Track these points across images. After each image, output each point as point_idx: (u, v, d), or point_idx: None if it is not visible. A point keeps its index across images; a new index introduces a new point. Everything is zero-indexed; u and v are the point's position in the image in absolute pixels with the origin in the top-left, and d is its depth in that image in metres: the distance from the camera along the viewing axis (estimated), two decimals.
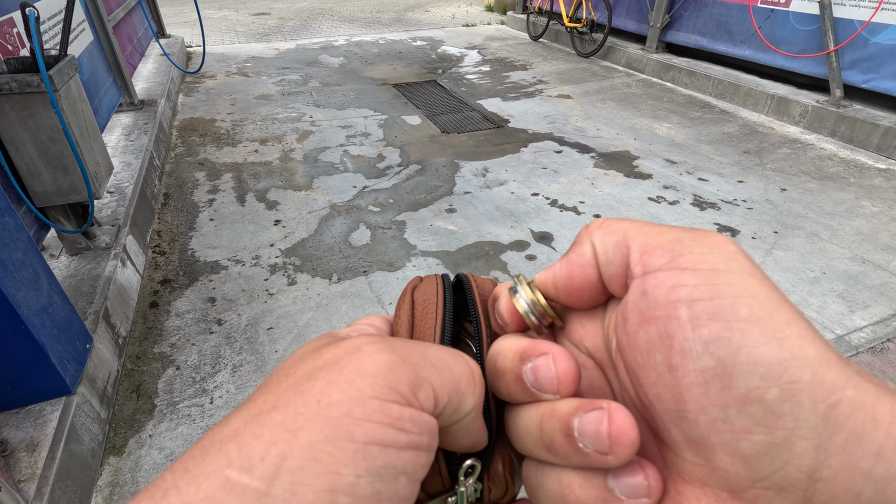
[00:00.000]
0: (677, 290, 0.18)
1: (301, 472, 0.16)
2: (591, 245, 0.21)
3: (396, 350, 0.19)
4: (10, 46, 1.84)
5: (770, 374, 0.16)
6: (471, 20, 8.00)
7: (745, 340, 0.16)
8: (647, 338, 0.18)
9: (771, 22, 4.21)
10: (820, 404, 0.15)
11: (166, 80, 4.11)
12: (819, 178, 3.08)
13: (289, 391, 0.18)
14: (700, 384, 0.17)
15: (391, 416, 0.17)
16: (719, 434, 0.16)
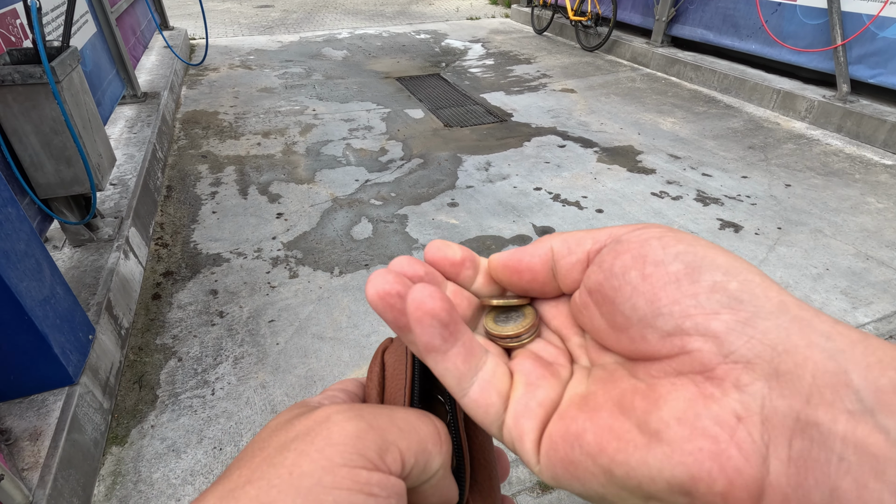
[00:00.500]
0: (646, 233, 0.21)
1: None
2: (549, 244, 0.24)
3: (365, 417, 0.21)
4: (12, 38, 1.84)
5: (730, 271, 0.19)
6: (475, 13, 7.95)
7: (707, 253, 0.20)
8: (622, 263, 0.21)
9: (778, 16, 4.17)
10: (772, 298, 0.18)
11: (169, 72, 4.10)
12: (824, 174, 3.06)
13: (262, 464, 0.19)
14: (673, 282, 0.19)
15: (360, 482, 0.19)
16: (692, 318, 0.18)
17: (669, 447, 0.17)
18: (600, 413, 0.20)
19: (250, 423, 1.56)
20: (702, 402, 0.17)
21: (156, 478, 1.41)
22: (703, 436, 0.17)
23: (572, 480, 0.20)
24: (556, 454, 0.20)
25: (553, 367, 0.24)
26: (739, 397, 0.17)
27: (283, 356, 1.79)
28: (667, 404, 0.18)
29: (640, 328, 0.20)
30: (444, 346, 0.22)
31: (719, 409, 0.17)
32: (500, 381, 0.23)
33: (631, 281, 0.20)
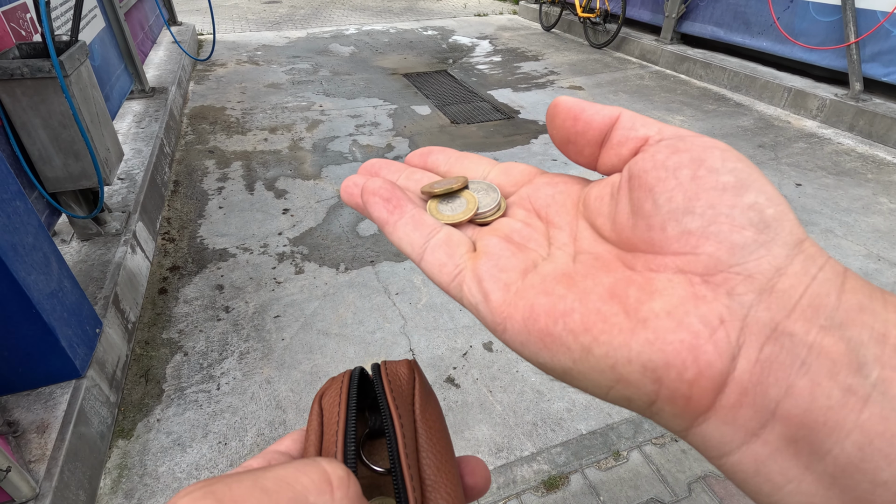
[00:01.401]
0: (713, 142, 0.21)
1: None
2: (619, 110, 0.24)
3: (217, 493, 0.18)
4: (23, 31, 1.84)
5: (772, 199, 0.20)
6: (483, 10, 7.92)
7: (759, 178, 0.20)
8: (677, 160, 0.21)
9: (790, 13, 4.12)
10: (794, 235, 0.19)
11: (177, 67, 4.11)
12: (836, 174, 3.02)
13: None
14: (717, 189, 0.20)
15: None
16: (719, 225, 0.19)
17: (654, 334, 0.19)
18: (590, 296, 0.21)
19: (255, 419, 1.56)
20: (693, 301, 0.19)
21: (161, 471, 1.41)
22: (687, 330, 0.18)
23: (542, 350, 0.21)
24: (534, 325, 0.21)
25: (522, 247, 0.25)
26: (728, 303, 0.18)
27: (289, 352, 1.79)
28: (661, 297, 0.19)
29: (665, 219, 0.20)
30: (392, 217, 0.26)
31: (707, 310, 0.18)
32: (455, 245, 0.25)
33: (679, 177, 0.21)
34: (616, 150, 0.24)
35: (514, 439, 1.51)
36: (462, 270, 0.24)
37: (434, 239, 0.26)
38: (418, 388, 0.27)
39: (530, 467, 1.44)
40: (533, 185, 0.29)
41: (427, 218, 0.26)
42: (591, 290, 0.21)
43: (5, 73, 1.59)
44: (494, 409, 1.60)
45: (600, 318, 0.20)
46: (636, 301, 0.20)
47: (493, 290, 0.23)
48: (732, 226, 0.19)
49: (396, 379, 0.27)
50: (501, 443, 1.50)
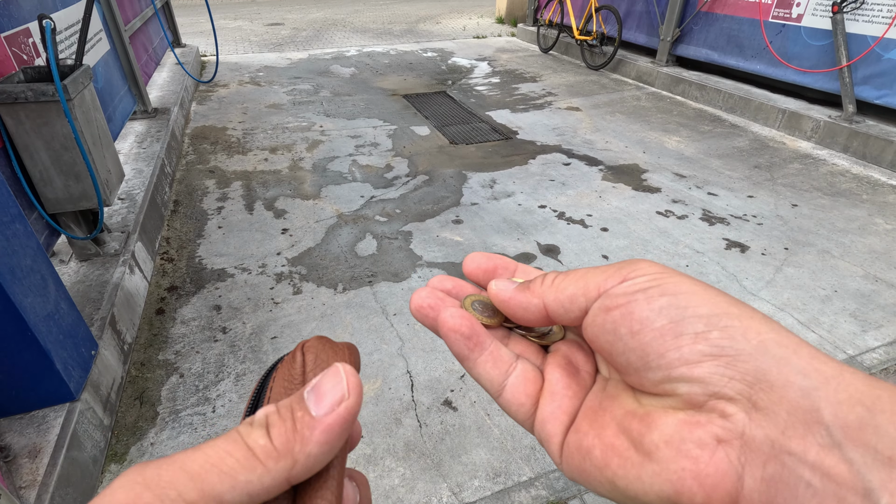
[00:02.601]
0: (632, 286, 0.23)
1: None
2: (541, 302, 0.26)
3: (145, 475, 0.18)
4: (24, 56, 1.88)
5: (710, 322, 0.20)
6: (481, 32, 8.06)
7: (689, 303, 0.21)
8: (612, 320, 0.23)
9: (782, 37, 4.20)
10: (752, 340, 0.19)
11: (180, 88, 4.17)
12: (831, 195, 3.04)
13: None
14: (658, 338, 0.21)
15: None
16: (678, 369, 0.20)
17: (658, 466, 0.20)
18: (606, 431, 0.23)
19: None
20: (688, 427, 0.20)
21: None
22: (686, 457, 0.19)
23: (586, 483, 0.23)
24: (572, 461, 0.24)
25: (579, 375, 0.27)
26: (723, 424, 0.19)
27: None
28: (658, 428, 0.21)
29: (635, 377, 0.22)
30: (472, 354, 0.27)
31: (702, 433, 0.19)
32: (529, 385, 0.27)
33: (622, 338, 0.22)
34: (568, 325, 0.27)
35: (512, 464, 1.49)
36: (534, 410, 0.26)
37: (512, 377, 0.27)
38: (309, 364, 0.25)
39: (528, 493, 1.42)
40: None
41: (503, 352, 0.28)
42: (606, 425, 0.23)
43: (9, 97, 1.61)
44: (492, 432, 1.59)
45: (615, 453, 0.22)
46: (639, 434, 0.21)
47: (554, 434, 0.25)
48: (689, 365, 0.20)
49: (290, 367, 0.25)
50: (499, 467, 1.48)
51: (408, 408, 1.66)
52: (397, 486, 1.42)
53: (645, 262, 0.24)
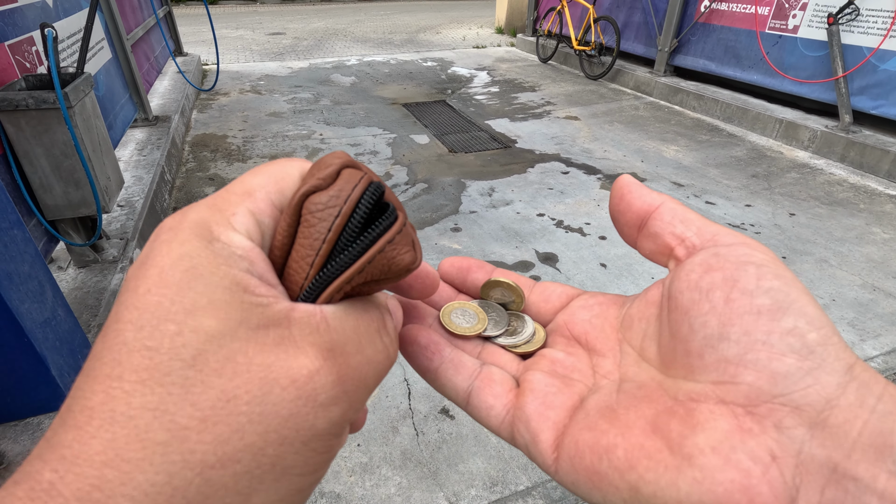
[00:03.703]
0: (749, 255, 0.21)
1: None
2: (662, 199, 0.25)
3: (342, 377, 0.18)
4: (27, 64, 1.89)
5: (814, 322, 0.18)
6: (481, 42, 8.13)
7: (799, 297, 0.19)
8: (710, 280, 0.20)
9: (779, 48, 4.24)
10: (841, 360, 0.18)
11: (181, 96, 4.20)
12: (828, 204, 3.05)
13: (197, 414, 0.16)
14: (753, 314, 0.19)
15: (331, 453, 0.18)
16: (757, 353, 0.18)
17: (701, 473, 0.17)
18: (633, 430, 0.20)
19: None
20: (739, 435, 0.18)
21: None
22: (737, 468, 0.17)
23: (592, 490, 0.20)
24: (580, 462, 0.21)
25: (569, 378, 0.25)
26: (777, 437, 0.17)
27: None
28: (704, 431, 0.18)
29: (702, 344, 0.20)
30: (432, 364, 0.26)
31: (755, 445, 0.17)
32: (496, 386, 0.25)
33: (713, 300, 0.20)
34: (652, 239, 0.24)
35: (510, 473, 1.49)
36: (510, 411, 0.24)
37: (477, 380, 0.25)
38: (392, 281, 0.21)
39: (525, 502, 1.41)
40: (568, 311, 0.28)
41: (465, 359, 0.26)
42: (633, 424, 0.20)
43: (10, 104, 1.62)
44: (489, 441, 1.58)
45: (644, 454, 0.19)
46: (679, 435, 0.19)
47: (542, 430, 0.22)
48: (771, 353, 0.18)
49: (391, 263, 0.20)
50: (496, 476, 1.47)
51: (405, 416, 1.66)
52: (393, 494, 1.42)
53: (760, 245, 0.22)
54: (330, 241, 0.18)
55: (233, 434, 0.15)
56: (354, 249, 0.19)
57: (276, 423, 0.15)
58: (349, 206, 0.18)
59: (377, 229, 0.19)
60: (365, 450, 1.54)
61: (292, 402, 0.16)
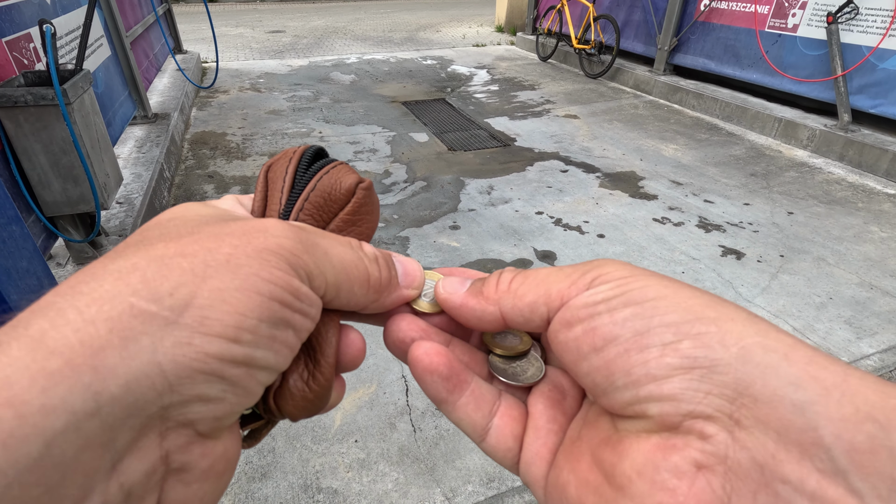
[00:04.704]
0: (594, 296, 0.20)
1: (211, 308, 0.17)
2: (497, 308, 0.24)
3: (302, 240, 0.21)
4: (25, 60, 1.89)
5: (681, 330, 0.18)
6: (481, 40, 8.13)
7: (656, 311, 0.19)
8: (574, 337, 0.21)
9: (778, 46, 4.24)
10: (731, 347, 0.17)
11: (180, 94, 4.20)
12: (827, 203, 3.06)
13: (194, 244, 0.19)
14: (622, 354, 0.19)
15: (291, 287, 0.20)
16: (645, 387, 0.18)
17: (633, 502, 0.17)
18: (580, 464, 0.21)
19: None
20: (661, 453, 0.17)
21: None
22: (662, 489, 0.17)
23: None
24: (552, 500, 0.22)
25: (565, 402, 0.24)
26: (702, 447, 0.17)
27: None
28: (628, 457, 0.18)
29: (605, 398, 0.20)
30: (451, 397, 0.24)
31: (679, 460, 0.17)
32: (516, 424, 0.24)
33: (586, 356, 0.20)
34: (534, 333, 0.27)
35: (506, 469, 1.49)
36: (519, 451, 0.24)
37: (496, 418, 0.24)
38: (352, 205, 0.27)
39: (522, 498, 1.42)
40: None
41: (485, 391, 0.25)
42: (581, 457, 0.21)
43: (9, 101, 1.63)
44: None
45: (590, 490, 0.19)
46: (611, 465, 0.19)
47: (539, 478, 0.23)
48: (657, 381, 0.18)
49: (335, 181, 0.26)
50: (493, 473, 1.48)
51: (402, 412, 1.66)
52: (391, 490, 1.42)
53: (612, 263, 0.22)
54: (290, 178, 0.26)
55: (210, 242, 0.19)
56: (305, 178, 0.26)
57: (235, 238, 0.20)
58: (296, 157, 0.27)
59: (319, 165, 0.27)
60: (362, 446, 1.54)
61: (249, 225, 0.21)
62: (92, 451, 0.14)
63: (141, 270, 0.17)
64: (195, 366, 0.16)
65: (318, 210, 0.26)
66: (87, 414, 0.14)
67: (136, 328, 0.16)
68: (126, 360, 0.15)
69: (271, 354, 0.19)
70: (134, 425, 0.16)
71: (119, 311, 0.16)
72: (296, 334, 0.20)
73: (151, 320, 0.16)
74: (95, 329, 0.15)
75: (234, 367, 0.18)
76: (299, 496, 1.39)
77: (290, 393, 0.22)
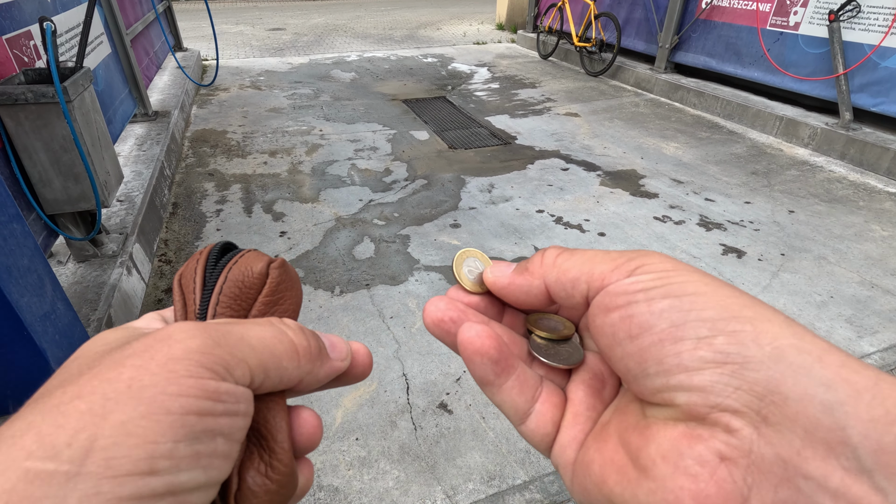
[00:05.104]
0: (634, 285, 0.21)
1: (115, 447, 0.16)
2: (542, 283, 0.24)
3: (212, 335, 0.20)
4: (25, 58, 1.89)
5: (716, 326, 0.18)
6: (482, 38, 8.11)
7: (693, 306, 0.19)
8: (610, 322, 0.21)
9: (780, 44, 4.23)
10: (765, 346, 0.17)
11: (181, 92, 4.19)
12: (828, 201, 3.05)
13: (93, 380, 0.18)
14: (656, 343, 0.19)
15: (207, 390, 0.18)
16: (676, 377, 0.18)
17: (655, 483, 0.18)
18: (607, 444, 0.21)
19: None
20: (686, 441, 0.18)
21: None
22: (685, 474, 0.17)
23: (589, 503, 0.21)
24: (577, 479, 0.22)
25: (605, 389, 0.25)
26: (727, 439, 0.17)
27: None
28: (654, 442, 0.19)
29: (636, 384, 0.21)
30: (498, 380, 0.25)
31: (703, 449, 0.17)
32: (556, 411, 0.25)
33: (620, 342, 0.21)
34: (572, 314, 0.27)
35: (507, 467, 1.49)
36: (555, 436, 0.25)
37: (538, 404, 0.25)
38: (268, 287, 0.26)
39: (523, 496, 1.42)
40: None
41: (529, 376, 0.25)
42: (608, 439, 0.22)
43: (10, 98, 1.62)
44: (487, 435, 1.58)
45: (614, 469, 0.20)
46: (637, 448, 0.19)
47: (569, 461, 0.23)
48: (688, 372, 0.18)
49: (246, 269, 0.26)
50: (494, 471, 1.48)
51: (403, 410, 1.66)
52: (391, 488, 1.42)
53: (657, 255, 0.22)
54: (199, 278, 0.26)
55: (110, 372, 0.18)
56: (215, 274, 0.26)
57: (139, 358, 0.19)
58: (203, 257, 0.27)
59: (227, 258, 0.27)
60: (363, 444, 1.55)
61: (151, 339, 0.20)
62: None
63: (35, 428, 0.16)
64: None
65: (234, 301, 0.25)
66: None
67: (35, 495, 0.15)
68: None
69: (199, 472, 0.18)
70: None
71: (13, 482, 0.15)
72: (226, 439, 0.19)
73: (50, 481, 0.15)
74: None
75: (156, 500, 0.16)
76: None
77: (251, 492, 0.21)
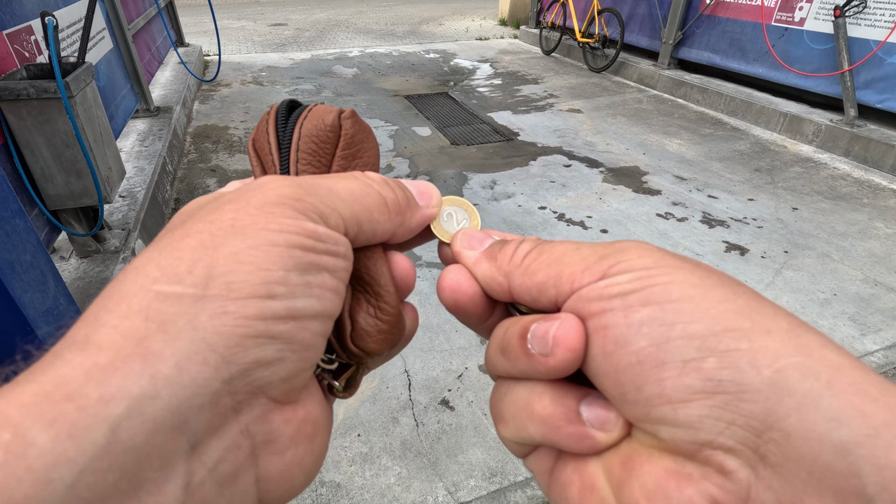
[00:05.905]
0: (609, 288, 0.18)
1: (233, 273, 0.17)
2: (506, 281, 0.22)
3: (302, 185, 0.21)
4: (26, 53, 1.89)
5: (705, 345, 0.15)
6: (484, 34, 8.08)
7: (678, 318, 0.16)
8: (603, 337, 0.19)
9: (784, 40, 4.20)
10: (764, 369, 0.14)
11: (183, 87, 4.18)
12: (832, 198, 3.04)
13: (197, 223, 0.19)
14: (634, 365, 0.16)
15: (306, 230, 0.19)
16: (658, 408, 0.16)
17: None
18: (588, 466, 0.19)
19: None
20: (675, 482, 0.16)
21: None
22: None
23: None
24: (555, 494, 0.21)
25: None
26: (721, 482, 0.15)
27: None
28: (638, 478, 0.17)
29: (613, 401, 0.18)
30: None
31: (693, 493, 0.15)
32: None
33: (593, 357, 0.18)
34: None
35: (509, 464, 1.49)
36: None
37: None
38: (343, 139, 0.26)
39: (524, 493, 1.42)
40: None
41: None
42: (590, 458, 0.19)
43: (12, 94, 1.62)
44: (489, 432, 1.59)
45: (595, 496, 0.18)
46: (619, 481, 0.17)
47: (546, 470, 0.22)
48: (672, 404, 0.16)
49: (318, 122, 0.26)
50: (495, 467, 1.48)
51: (405, 407, 1.66)
52: (393, 484, 1.43)
53: (637, 249, 0.19)
54: (273, 138, 0.26)
55: (211, 216, 0.19)
56: (287, 132, 0.26)
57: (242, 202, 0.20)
58: (272, 118, 0.27)
59: (296, 114, 0.26)
60: (365, 440, 1.55)
61: (244, 189, 0.20)
62: (163, 435, 0.15)
63: (154, 261, 0.18)
64: (239, 332, 0.16)
65: (313, 157, 0.26)
66: (146, 397, 0.14)
67: (169, 311, 0.16)
68: (169, 343, 0.15)
69: (314, 301, 0.18)
70: (203, 405, 0.16)
71: (147, 301, 0.16)
72: (332, 276, 0.20)
73: (180, 300, 0.16)
74: (132, 322, 0.16)
75: (279, 322, 0.17)
76: None
77: (364, 332, 0.23)
